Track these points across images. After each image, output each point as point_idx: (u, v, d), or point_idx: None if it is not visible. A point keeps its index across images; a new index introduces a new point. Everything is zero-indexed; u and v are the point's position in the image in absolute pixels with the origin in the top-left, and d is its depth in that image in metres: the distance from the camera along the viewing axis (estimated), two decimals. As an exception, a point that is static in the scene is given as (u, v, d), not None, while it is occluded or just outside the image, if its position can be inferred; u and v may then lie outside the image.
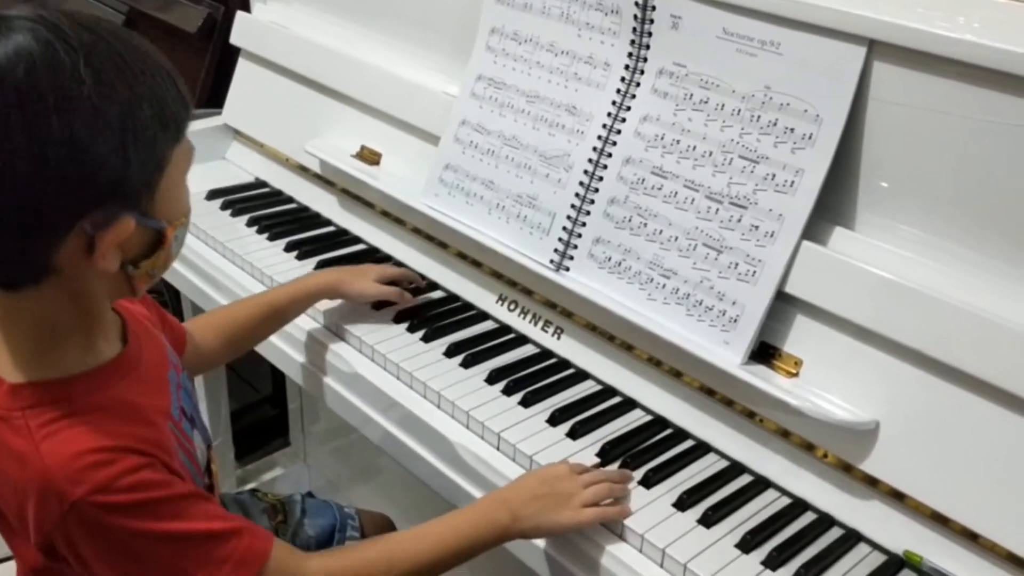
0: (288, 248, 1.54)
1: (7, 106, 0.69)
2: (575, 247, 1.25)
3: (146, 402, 0.86)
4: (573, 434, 1.14)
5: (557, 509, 0.98)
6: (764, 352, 1.10)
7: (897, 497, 1.00)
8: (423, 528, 0.97)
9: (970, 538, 0.95)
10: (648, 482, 1.07)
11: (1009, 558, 0.92)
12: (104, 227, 0.75)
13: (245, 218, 1.63)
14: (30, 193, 0.72)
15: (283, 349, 1.38)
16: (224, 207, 1.66)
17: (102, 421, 0.80)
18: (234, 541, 0.83)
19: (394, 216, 1.52)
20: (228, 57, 1.91)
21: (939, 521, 0.97)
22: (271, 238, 1.57)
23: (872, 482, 1.02)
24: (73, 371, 0.82)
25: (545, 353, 1.30)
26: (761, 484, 1.09)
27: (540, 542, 1.04)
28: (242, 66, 1.84)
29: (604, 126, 1.23)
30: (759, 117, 1.09)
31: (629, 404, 1.21)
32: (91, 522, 0.77)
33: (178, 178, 0.82)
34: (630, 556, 0.99)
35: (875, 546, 1.01)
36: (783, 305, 1.09)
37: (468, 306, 1.40)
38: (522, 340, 1.32)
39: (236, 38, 1.83)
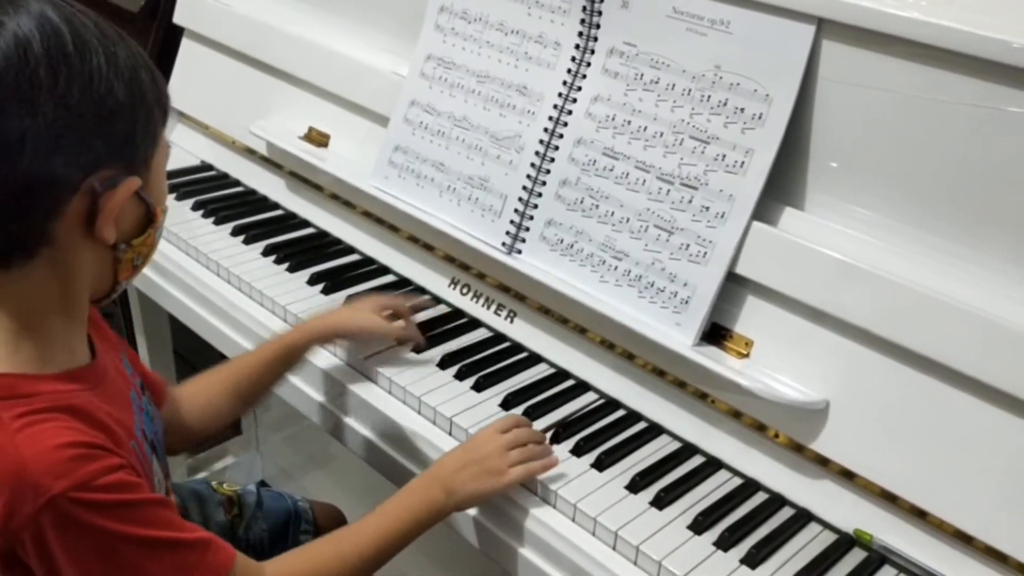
0: (235, 232, 1.51)
1: (35, 65, 0.72)
2: (527, 229, 1.23)
3: (114, 415, 0.85)
4: (526, 417, 1.13)
5: (486, 476, 1.01)
6: (715, 333, 1.10)
7: (847, 476, 1.00)
8: (365, 521, 0.99)
9: (919, 516, 0.96)
10: (601, 465, 1.06)
11: (956, 535, 0.93)
12: (111, 188, 0.77)
13: (190, 202, 1.59)
14: (51, 143, 0.73)
15: (232, 338, 1.36)
16: (169, 191, 1.62)
17: (77, 420, 0.78)
18: (200, 552, 0.83)
19: (343, 199, 1.50)
20: (172, 37, 1.86)
21: (888, 500, 0.98)
22: (217, 222, 1.54)
23: (823, 462, 1.02)
24: (47, 370, 0.80)
25: (498, 337, 1.29)
26: (713, 465, 1.09)
27: (496, 526, 1.03)
28: (186, 46, 1.79)
29: (555, 107, 1.22)
30: (709, 97, 1.09)
31: (582, 387, 1.20)
32: (66, 519, 0.74)
33: (162, 163, 0.84)
34: (582, 538, 0.99)
35: (826, 525, 1.02)
36: (734, 286, 1.09)
37: (420, 290, 1.38)
38: (475, 324, 1.31)
39: (179, 18, 1.78)
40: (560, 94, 1.21)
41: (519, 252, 1.24)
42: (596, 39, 1.18)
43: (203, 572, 0.82)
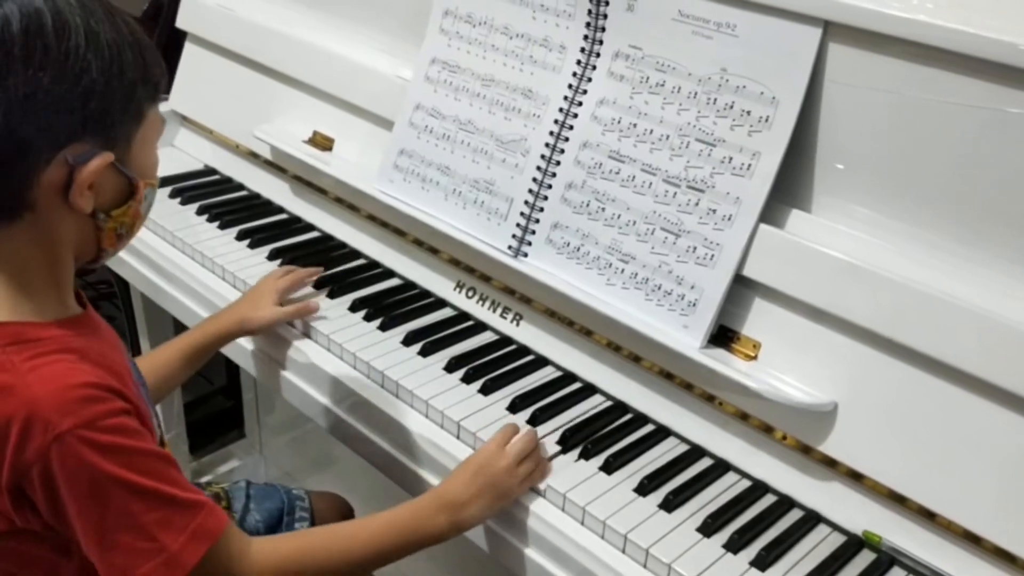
0: (240, 236, 1.51)
1: (11, 43, 0.75)
2: (533, 232, 1.24)
3: (115, 358, 0.88)
4: (534, 421, 1.13)
5: (497, 500, 1.01)
6: (723, 335, 1.10)
7: (855, 478, 1.01)
8: (365, 524, 0.99)
9: (927, 517, 0.96)
10: (609, 468, 1.06)
11: (965, 536, 0.94)
12: (85, 162, 0.79)
13: (195, 206, 1.59)
14: (21, 116, 0.75)
15: (236, 341, 1.35)
16: (173, 195, 1.62)
17: (83, 362, 0.82)
18: (195, 512, 0.84)
19: (348, 203, 1.50)
20: (175, 42, 1.86)
21: (897, 501, 0.98)
22: (222, 226, 1.54)
23: (831, 463, 1.02)
24: (48, 318, 0.84)
25: (504, 340, 1.29)
26: (721, 467, 1.09)
27: (504, 529, 1.03)
28: (189, 50, 1.79)
29: (560, 110, 1.22)
30: (715, 100, 1.09)
31: (589, 390, 1.20)
32: (72, 456, 0.77)
33: (151, 139, 0.87)
34: (591, 541, 0.99)
35: (835, 527, 1.02)
36: (741, 288, 1.09)
37: (426, 293, 1.38)
38: (481, 327, 1.31)
39: (182, 22, 1.78)
40: (566, 97, 1.22)
41: (525, 255, 1.24)
42: (601, 42, 1.19)
43: (192, 532, 0.83)
